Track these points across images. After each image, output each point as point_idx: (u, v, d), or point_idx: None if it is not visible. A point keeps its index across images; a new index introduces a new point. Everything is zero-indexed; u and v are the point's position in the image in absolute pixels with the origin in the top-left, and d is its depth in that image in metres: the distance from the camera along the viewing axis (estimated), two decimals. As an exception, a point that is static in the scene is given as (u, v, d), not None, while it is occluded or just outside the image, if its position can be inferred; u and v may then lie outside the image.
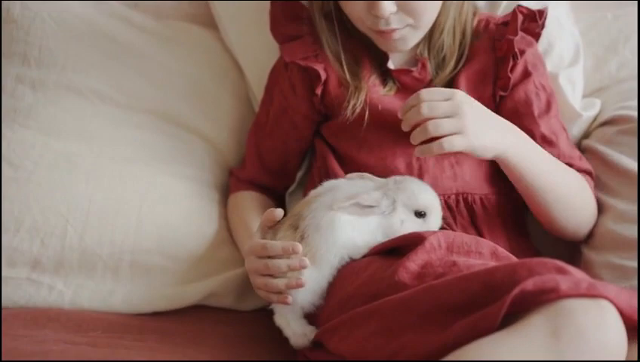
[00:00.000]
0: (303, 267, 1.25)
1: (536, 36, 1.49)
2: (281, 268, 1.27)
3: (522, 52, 1.46)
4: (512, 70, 1.45)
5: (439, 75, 1.46)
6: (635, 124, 1.50)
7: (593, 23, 1.66)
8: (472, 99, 1.32)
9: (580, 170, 1.46)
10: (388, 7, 1.35)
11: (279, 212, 1.30)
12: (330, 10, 1.47)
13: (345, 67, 1.46)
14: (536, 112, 1.46)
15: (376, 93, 1.45)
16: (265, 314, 1.52)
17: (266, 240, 1.29)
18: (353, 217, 1.28)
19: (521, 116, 1.45)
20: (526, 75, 1.47)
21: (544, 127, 1.46)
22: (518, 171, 1.36)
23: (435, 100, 1.27)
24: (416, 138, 1.29)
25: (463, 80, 1.46)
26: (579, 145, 1.58)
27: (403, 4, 1.37)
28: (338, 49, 1.47)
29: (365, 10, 1.38)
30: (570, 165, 1.45)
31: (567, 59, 1.59)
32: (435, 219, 1.32)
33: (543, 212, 1.42)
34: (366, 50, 1.48)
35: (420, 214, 1.30)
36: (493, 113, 1.35)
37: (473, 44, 1.48)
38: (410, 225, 1.30)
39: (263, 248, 1.29)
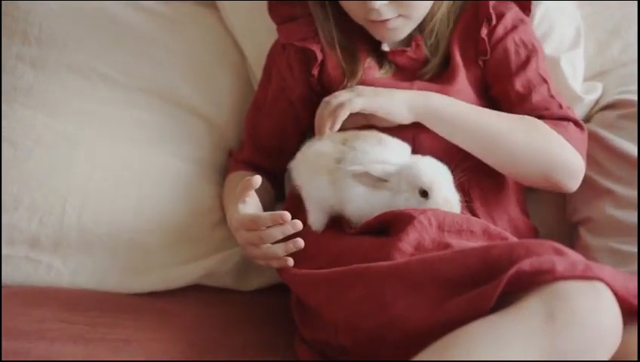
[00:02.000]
0: (297, 230, 1.26)
1: (527, 5, 1.49)
2: (276, 236, 1.28)
3: (501, 14, 1.45)
4: (490, 34, 1.45)
5: (435, 55, 1.46)
6: (637, 109, 1.49)
7: (596, 7, 1.65)
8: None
9: (553, 118, 1.43)
10: None
11: (256, 179, 1.30)
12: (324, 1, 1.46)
13: (339, 51, 1.46)
14: (513, 68, 1.44)
15: (372, 75, 1.45)
16: (266, 295, 1.55)
17: (255, 213, 1.30)
18: (367, 190, 1.29)
19: (499, 75, 1.45)
20: (505, 34, 1.46)
21: (518, 84, 1.44)
22: (443, 121, 1.37)
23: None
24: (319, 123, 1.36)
25: (456, 52, 1.46)
26: (580, 129, 1.57)
27: None
28: (333, 33, 1.47)
29: (358, 1, 1.38)
30: (543, 116, 1.42)
31: (568, 42, 1.58)
32: (438, 198, 1.29)
33: (492, 162, 1.40)
34: (361, 33, 1.47)
35: (423, 193, 1.29)
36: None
37: (462, 14, 1.48)
38: (413, 203, 1.29)
39: (253, 221, 1.29)
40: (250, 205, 1.33)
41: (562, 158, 1.40)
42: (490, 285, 1.07)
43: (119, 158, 1.54)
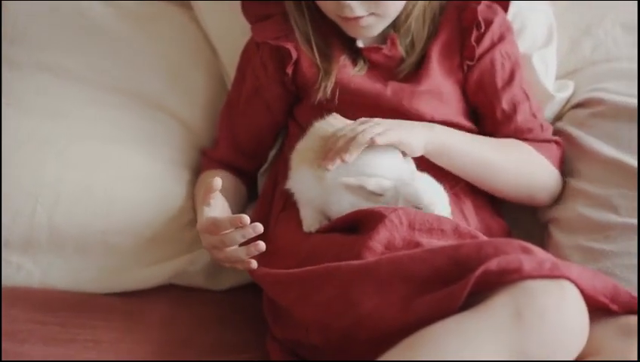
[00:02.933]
0: (257, 233, 1.24)
1: (505, 5, 1.49)
2: (237, 240, 1.26)
3: (489, 21, 1.46)
4: (478, 40, 1.45)
5: (410, 55, 1.46)
6: (608, 107, 1.50)
7: (568, 5, 1.65)
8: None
9: (536, 141, 1.47)
10: None
11: (216, 182, 1.29)
12: None
13: (315, 49, 1.46)
14: (499, 84, 1.46)
15: (347, 73, 1.45)
16: (237, 294, 1.54)
17: (215, 217, 1.29)
18: (356, 199, 1.30)
19: (485, 87, 1.47)
20: (492, 45, 1.47)
21: (505, 101, 1.46)
22: (447, 160, 1.39)
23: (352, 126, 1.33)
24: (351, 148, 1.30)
25: (434, 54, 1.46)
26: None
27: None
28: (307, 30, 1.46)
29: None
30: (527, 139, 1.46)
31: (541, 39, 1.58)
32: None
33: (485, 187, 1.44)
34: (335, 30, 1.47)
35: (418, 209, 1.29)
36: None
37: (441, 16, 1.48)
38: None
39: (213, 225, 1.28)
40: (215, 208, 1.32)
41: (548, 182, 1.48)
42: (459, 284, 1.07)
43: (91, 158, 1.53)
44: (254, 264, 1.27)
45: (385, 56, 1.46)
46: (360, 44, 1.47)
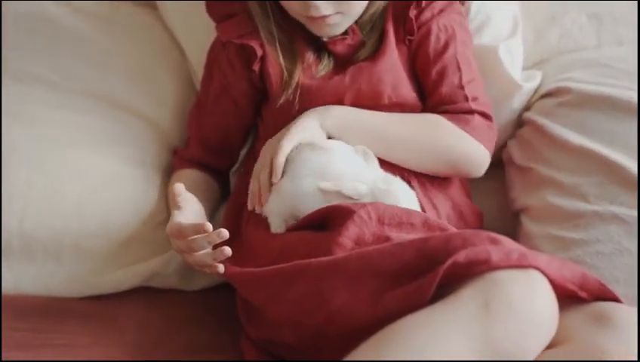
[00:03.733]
0: (223, 238, 1.25)
1: None
2: (203, 245, 1.27)
3: None
4: (418, 14, 1.45)
5: (370, 38, 1.46)
6: (575, 96, 1.50)
7: (533, -6, 1.66)
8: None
9: (462, 111, 1.45)
10: None
11: (178, 188, 1.32)
12: None
13: (278, 48, 1.46)
14: (431, 54, 1.46)
15: (310, 75, 1.45)
16: (211, 294, 1.54)
17: (179, 222, 1.29)
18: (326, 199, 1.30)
19: (419, 57, 1.46)
20: (431, 17, 1.46)
21: (434, 71, 1.46)
22: (350, 133, 1.39)
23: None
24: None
25: (389, 30, 1.46)
26: (519, 118, 1.58)
27: None
28: (272, 29, 1.46)
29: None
30: (447, 110, 1.45)
31: (506, 30, 1.58)
32: None
33: (402, 164, 1.42)
34: (299, 28, 1.47)
35: None
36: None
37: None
38: None
39: (179, 231, 1.29)
40: (185, 210, 1.33)
41: (465, 152, 1.45)
42: (427, 278, 1.08)
43: (59, 162, 1.52)
44: (221, 268, 1.28)
45: (348, 45, 1.46)
46: (324, 37, 1.47)
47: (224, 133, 1.55)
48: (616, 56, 1.57)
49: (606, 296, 1.16)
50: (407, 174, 1.41)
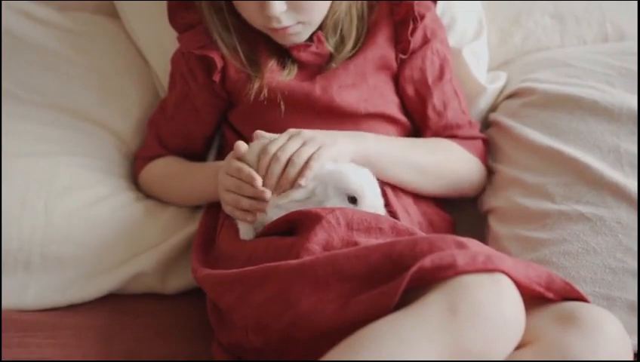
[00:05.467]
0: (262, 199, 1.31)
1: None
2: (247, 192, 1.32)
3: (422, 16, 1.48)
4: (412, 34, 1.47)
5: (340, 53, 1.47)
6: (539, 96, 1.51)
7: (496, -4, 1.67)
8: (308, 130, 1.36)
9: (465, 138, 1.50)
10: (278, 7, 1.36)
11: (241, 144, 1.35)
12: (220, 7, 1.45)
13: (242, 57, 1.46)
14: (430, 80, 1.48)
15: (275, 79, 1.45)
16: (184, 301, 1.53)
17: (243, 165, 1.33)
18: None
19: (415, 82, 1.49)
20: (425, 41, 1.48)
21: (436, 97, 1.49)
22: (377, 168, 1.38)
23: (280, 145, 1.33)
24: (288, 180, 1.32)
25: (367, 48, 1.47)
26: (486, 119, 1.59)
27: (292, 3, 1.37)
28: (233, 42, 1.46)
29: (256, 10, 1.38)
30: (456, 136, 1.49)
31: (471, 32, 1.60)
32: (368, 202, 1.31)
33: (413, 189, 1.46)
34: (261, 35, 1.47)
35: (352, 199, 1.30)
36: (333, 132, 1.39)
37: (371, 12, 1.49)
38: None
39: (237, 170, 1.33)
40: None
41: (476, 179, 1.52)
42: (394, 283, 1.08)
43: (24, 173, 1.51)
44: (252, 218, 1.33)
45: (313, 53, 1.46)
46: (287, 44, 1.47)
47: (184, 139, 1.56)
48: (580, 56, 1.58)
49: (572, 295, 1.17)
50: (380, 182, 1.41)
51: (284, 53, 1.48)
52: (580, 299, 1.17)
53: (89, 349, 1.37)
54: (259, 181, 1.30)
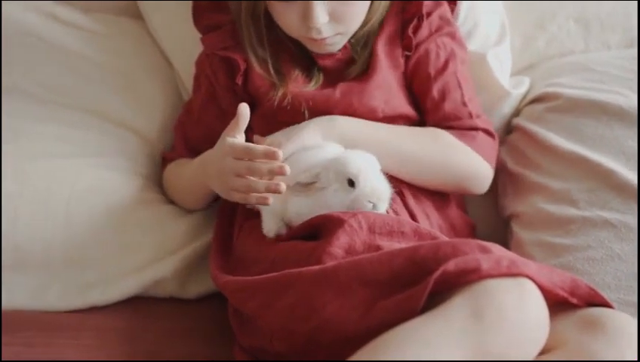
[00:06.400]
0: (283, 173, 1.26)
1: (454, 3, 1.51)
2: (263, 171, 1.28)
3: (428, 13, 1.47)
4: (415, 31, 1.46)
5: (361, 56, 1.46)
6: (564, 101, 1.51)
7: (519, 1, 1.66)
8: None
9: (461, 128, 1.47)
10: (321, 18, 1.36)
11: (243, 106, 1.32)
12: (258, 13, 1.45)
13: (270, 67, 1.46)
14: (432, 72, 1.47)
15: (299, 86, 1.45)
16: (206, 304, 1.53)
17: (249, 143, 1.31)
18: (304, 198, 1.30)
19: (419, 76, 1.47)
20: (429, 34, 1.48)
21: (435, 89, 1.47)
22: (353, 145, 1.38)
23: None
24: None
25: (379, 48, 1.46)
26: (509, 124, 1.58)
27: (335, 14, 1.37)
28: (263, 49, 1.46)
29: (298, 19, 1.38)
30: (452, 127, 1.46)
31: (494, 37, 1.59)
32: (365, 187, 1.29)
33: (403, 177, 1.43)
34: (289, 44, 1.47)
35: (351, 183, 1.29)
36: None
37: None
38: (341, 194, 1.29)
39: (245, 151, 1.29)
40: (242, 136, 1.34)
41: (470, 169, 1.47)
42: (418, 287, 1.08)
43: (47, 174, 1.52)
44: (270, 201, 1.29)
45: (337, 60, 1.47)
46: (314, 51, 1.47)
47: (211, 141, 1.53)
48: (605, 61, 1.57)
49: (597, 301, 1.16)
50: (399, 184, 1.41)
51: (308, 62, 1.47)
52: (605, 304, 1.17)
53: (112, 350, 1.37)
54: (280, 152, 1.27)
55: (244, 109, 1.32)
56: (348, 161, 1.29)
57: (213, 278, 1.36)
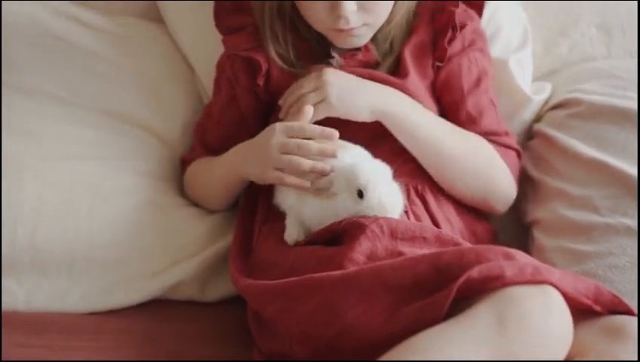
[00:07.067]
0: (333, 156, 1.30)
1: (479, 9, 1.50)
2: (312, 150, 1.31)
3: (462, 25, 1.47)
4: (449, 42, 1.46)
5: (386, 60, 1.46)
6: (586, 107, 1.50)
7: (542, 7, 1.66)
8: (341, 72, 1.40)
9: (501, 145, 1.48)
10: (349, 7, 1.36)
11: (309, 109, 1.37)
12: (284, 10, 1.45)
13: (295, 64, 1.46)
14: (465, 87, 1.47)
15: None
16: (226, 307, 1.54)
17: (304, 123, 1.34)
18: (319, 201, 1.30)
19: (451, 89, 1.48)
20: (462, 48, 1.48)
21: (470, 104, 1.47)
22: (401, 128, 1.40)
23: (303, 83, 1.38)
24: (285, 113, 1.40)
25: (407, 56, 1.46)
26: (530, 130, 1.58)
27: (362, 4, 1.37)
28: (286, 48, 1.46)
29: (326, 10, 1.38)
30: (491, 140, 1.47)
31: (516, 42, 1.59)
32: (372, 200, 1.27)
33: (435, 173, 1.44)
34: (309, 44, 1.47)
35: (360, 193, 1.28)
36: (366, 80, 1.41)
37: (413, 20, 1.49)
38: (349, 203, 1.28)
39: (301, 129, 1.33)
40: None
41: (502, 187, 1.48)
42: (442, 294, 1.08)
43: (68, 176, 1.52)
44: (307, 184, 1.30)
45: (360, 61, 1.46)
46: (334, 53, 1.47)
47: (230, 144, 1.55)
48: (627, 68, 1.57)
49: (620, 308, 1.16)
50: (421, 187, 1.41)
51: (329, 62, 1.47)
52: (628, 312, 1.16)
53: (131, 352, 1.37)
54: (336, 133, 1.30)
55: (308, 110, 1.36)
56: (359, 171, 1.28)
57: (234, 281, 1.36)
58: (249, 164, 1.39)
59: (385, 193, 1.28)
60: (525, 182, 1.53)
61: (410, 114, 1.41)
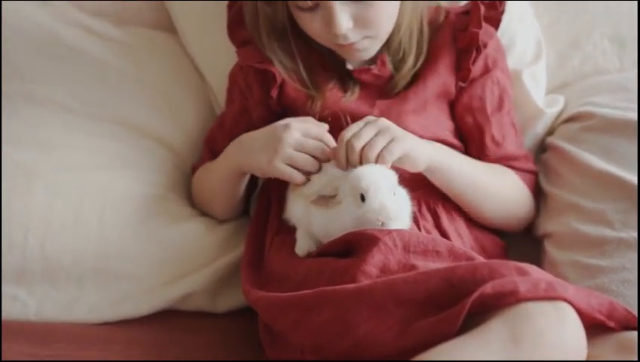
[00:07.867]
0: (344, 168, 1.31)
1: (496, 23, 1.49)
2: (313, 152, 1.34)
3: (485, 44, 1.46)
4: (474, 62, 1.46)
5: (399, 71, 1.46)
6: (599, 121, 1.49)
7: (555, 19, 1.65)
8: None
9: (521, 170, 1.50)
10: (344, 24, 1.35)
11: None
12: (279, 26, 1.45)
13: (305, 77, 1.46)
14: (489, 110, 1.48)
15: (335, 97, 1.44)
16: (234, 319, 1.53)
17: (324, 131, 1.37)
18: (325, 210, 1.30)
19: (474, 111, 1.48)
20: (486, 70, 1.48)
21: (495, 127, 1.48)
22: (445, 179, 1.41)
23: (356, 131, 1.31)
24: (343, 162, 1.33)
25: (428, 74, 1.46)
26: (542, 143, 1.57)
27: (359, 18, 1.36)
28: (295, 64, 1.46)
29: (322, 28, 1.38)
30: (512, 166, 1.49)
31: (530, 55, 1.58)
32: (374, 203, 1.26)
33: (470, 209, 1.46)
34: (323, 57, 1.47)
35: (363, 197, 1.27)
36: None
37: (433, 37, 1.48)
38: (352, 208, 1.27)
39: (320, 135, 1.36)
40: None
41: (522, 212, 1.51)
42: (455, 309, 1.07)
43: (79, 186, 1.52)
44: (302, 179, 1.34)
45: (375, 75, 1.46)
46: (349, 66, 1.47)
47: None
48: (640, 81, 1.56)
49: (634, 324, 1.15)
50: (433, 201, 1.40)
51: (344, 74, 1.47)
52: (642, 328, 1.16)
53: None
54: (332, 141, 1.34)
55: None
56: (362, 175, 1.28)
57: (245, 293, 1.36)
58: (254, 155, 1.39)
59: (388, 196, 1.27)
60: (537, 195, 1.53)
61: (455, 165, 1.42)
